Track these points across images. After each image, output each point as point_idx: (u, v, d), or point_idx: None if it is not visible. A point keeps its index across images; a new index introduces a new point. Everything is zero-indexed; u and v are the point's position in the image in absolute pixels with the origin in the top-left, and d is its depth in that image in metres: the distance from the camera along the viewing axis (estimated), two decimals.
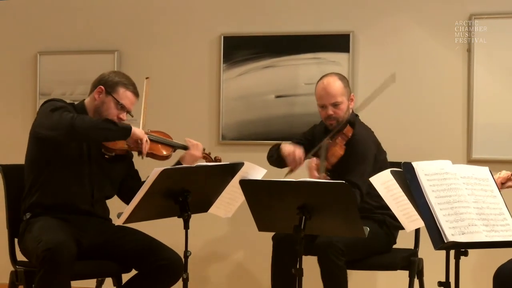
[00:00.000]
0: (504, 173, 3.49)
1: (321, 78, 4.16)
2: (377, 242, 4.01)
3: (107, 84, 3.68)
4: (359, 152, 4.00)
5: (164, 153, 3.81)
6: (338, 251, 3.77)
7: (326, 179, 3.78)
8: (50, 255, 3.27)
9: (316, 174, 3.89)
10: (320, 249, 3.80)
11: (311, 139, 4.26)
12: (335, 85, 4.07)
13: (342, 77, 4.15)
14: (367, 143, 4.07)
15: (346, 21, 4.94)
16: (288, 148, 4.09)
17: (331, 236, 3.73)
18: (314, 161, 3.91)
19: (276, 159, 4.19)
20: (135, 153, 3.75)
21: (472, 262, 4.23)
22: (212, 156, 3.98)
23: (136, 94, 3.74)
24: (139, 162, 3.84)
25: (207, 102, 5.14)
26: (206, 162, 3.93)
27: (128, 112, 3.70)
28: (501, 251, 3.29)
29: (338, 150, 3.97)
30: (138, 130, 3.60)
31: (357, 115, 4.18)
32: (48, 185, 3.62)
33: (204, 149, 3.96)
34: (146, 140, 3.62)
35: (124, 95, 3.68)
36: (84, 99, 3.76)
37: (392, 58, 4.84)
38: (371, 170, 3.76)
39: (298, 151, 4.05)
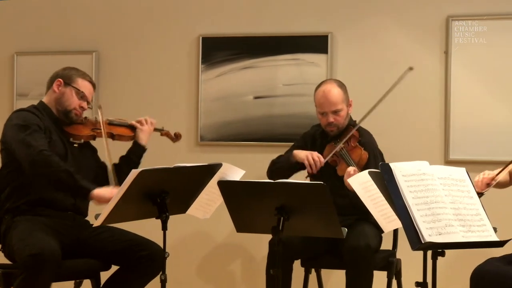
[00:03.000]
0: (488, 173, 3.38)
1: (319, 85, 4.18)
2: (380, 243, 4.06)
3: (64, 77, 3.76)
4: (376, 152, 4.09)
5: (129, 133, 3.89)
6: (372, 255, 3.82)
7: None
8: (35, 261, 3.25)
9: None
10: (360, 254, 3.78)
11: (311, 141, 4.25)
12: (335, 92, 4.09)
13: (341, 84, 4.17)
14: (375, 142, 4.16)
15: (324, 22, 4.94)
16: (303, 152, 4.07)
17: (359, 237, 3.77)
18: (353, 169, 3.83)
19: (288, 168, 4.13)
20: (99, 145, 3.79)
21: (449, 262, 4.25)
22: (172, 132, 4.06)
23: (93, 84, 3.83)
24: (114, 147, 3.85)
25: (185, 103, 5.13)
26: (168, 138, 4.06)
27: (88, 102, 3.76)
28: (478, 251, 3.32)
29: (363, 153, 4.00)
30: (102, 192, 3.44)
31: (354, 121, 4.20)
32: (27, 185, 3.59)
33: (163, 127, 4.03)
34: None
35: (83, 84, 3.77)
36: (42, 100, 3.80)
37: (370, 59, 4.85)
38: None
39: (315, 153, 4.04)
